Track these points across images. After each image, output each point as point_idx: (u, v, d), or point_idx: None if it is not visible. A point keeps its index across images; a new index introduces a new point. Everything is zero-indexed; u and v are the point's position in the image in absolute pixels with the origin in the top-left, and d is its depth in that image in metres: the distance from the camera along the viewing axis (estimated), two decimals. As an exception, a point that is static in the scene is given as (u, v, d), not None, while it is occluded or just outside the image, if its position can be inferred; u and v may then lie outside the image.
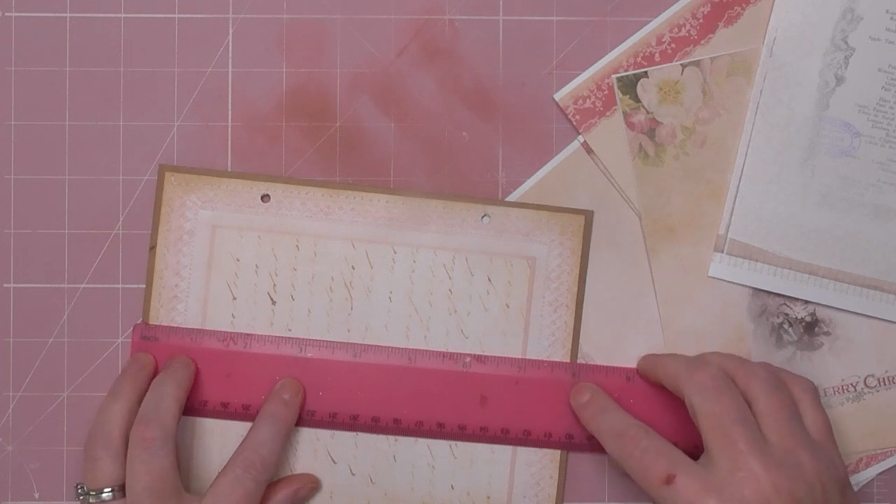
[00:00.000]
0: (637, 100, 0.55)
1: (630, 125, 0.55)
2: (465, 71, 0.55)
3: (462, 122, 0.55)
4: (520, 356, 0.54)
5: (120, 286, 0.55)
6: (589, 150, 0.55)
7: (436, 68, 0.55)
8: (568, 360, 0.54)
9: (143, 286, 0.55)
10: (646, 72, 0.55)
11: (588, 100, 0.55)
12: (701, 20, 0.55)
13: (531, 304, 0.54)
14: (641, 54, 0.55)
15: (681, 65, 0.54)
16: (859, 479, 0.54)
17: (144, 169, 0.55)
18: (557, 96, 0.55)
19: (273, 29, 0.55)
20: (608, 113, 0.55)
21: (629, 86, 0.54)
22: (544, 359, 0.54)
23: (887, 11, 0.53)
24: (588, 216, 0.54)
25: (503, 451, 0.54)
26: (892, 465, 0.54)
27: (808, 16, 0.53)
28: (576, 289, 0.54)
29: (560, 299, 0.54)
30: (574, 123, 0.55)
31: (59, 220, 0.55)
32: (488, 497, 0.54)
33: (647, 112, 0.55)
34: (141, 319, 0.54)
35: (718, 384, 0.48)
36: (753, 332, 0.55)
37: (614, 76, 0.55)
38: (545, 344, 0.54)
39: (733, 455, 0.45)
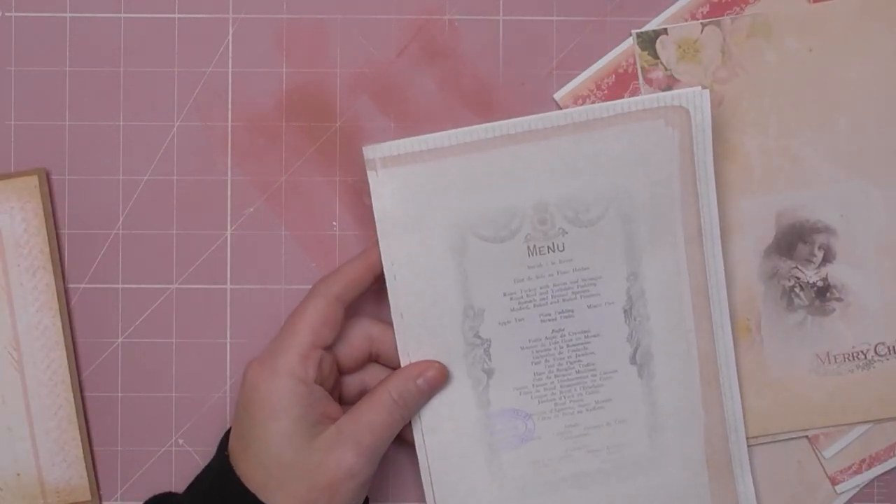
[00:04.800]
0: (655, 56, 0.54)
1: (648, 81, 0.54)
2: (465, 71, 0.55)
3: (462, 122, 0.55)
4: (11, 327, 0.53)
5: (120, 286, 0.55)
6: (589, 150, 0.55)
7: (436, 68, 0.55)
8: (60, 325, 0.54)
9: (143, 286, 0.55)
10: (665, 29, 0.54)
11: (588, 99, 0.54)
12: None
13: (9, 276, 0.54)
14: (642, 54, 0.55)
15: (701, 23, 0.54)
16: (859, 480, 0.54)
17: (144, 169, 0.55)
18: (557, 96, 0.55)
19: (273, 29, 0.55)
20: (608, 113, 0.55)
21: (648, 42, 0.54)
22: (41, 328, 0.54)
23: (504, 295, 0.52)
24: (41, 174, 0.54)
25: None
26: (892, 467, 0.54)
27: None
28: (48, 249, 0.54)
29: (36, 263, 0.54)
30: (574, 123, 0.55)
31: (60, 219, 0.55)
32: (18, 474, 0.54)
33: (666, 69, 0.54)
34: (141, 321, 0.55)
35: None
36: (764, 293, 0.54)
37: (634, 31, 0.54)
38: (32, 310, 0.54)
39: None
